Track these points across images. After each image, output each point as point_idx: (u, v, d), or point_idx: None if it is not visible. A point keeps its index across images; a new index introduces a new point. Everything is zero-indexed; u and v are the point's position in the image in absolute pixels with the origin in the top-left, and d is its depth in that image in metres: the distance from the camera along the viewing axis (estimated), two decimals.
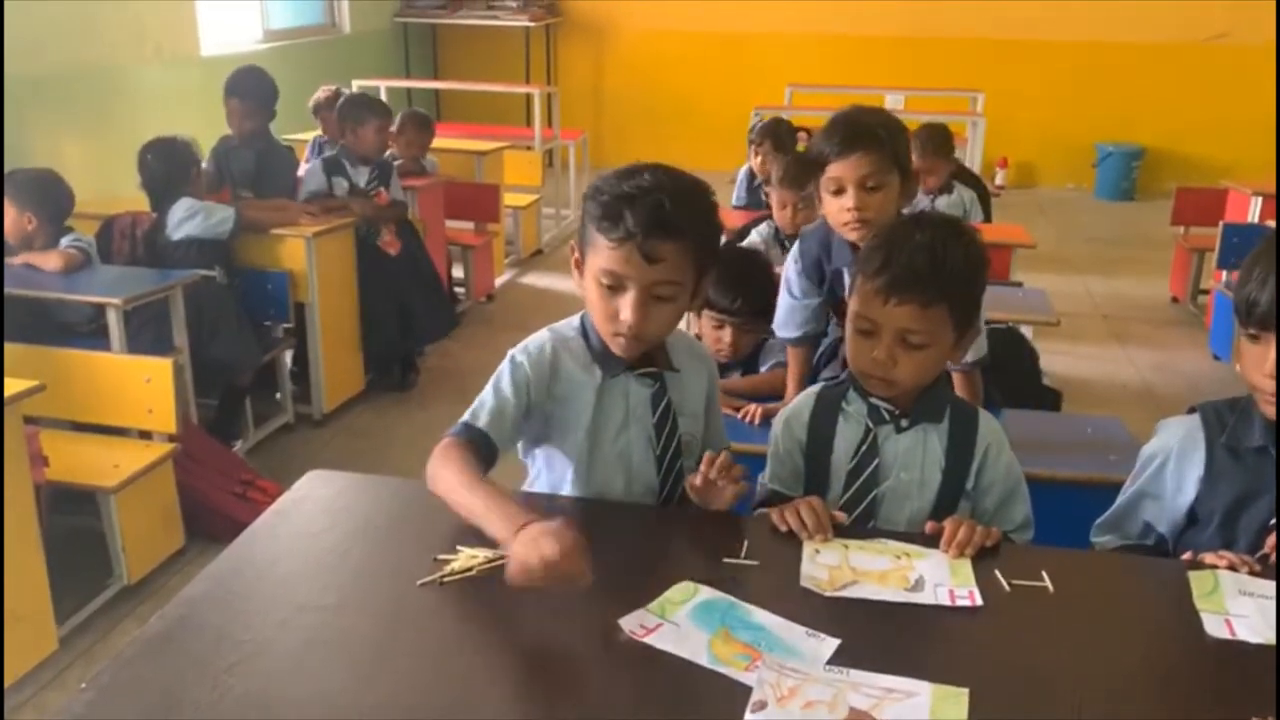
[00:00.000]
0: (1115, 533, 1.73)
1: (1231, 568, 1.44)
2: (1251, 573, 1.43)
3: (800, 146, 4.51)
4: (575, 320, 1.68)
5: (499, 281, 6.19)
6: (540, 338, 1.67)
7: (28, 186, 3.53)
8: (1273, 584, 1.40)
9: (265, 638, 1.28)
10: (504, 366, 1.65)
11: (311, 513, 1.61)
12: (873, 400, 1.67)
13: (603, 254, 1.53)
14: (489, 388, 1.65)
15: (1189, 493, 1.61)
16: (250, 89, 4.38)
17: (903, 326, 1.57)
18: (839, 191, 2.15)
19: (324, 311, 4.12)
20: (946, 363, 1.72)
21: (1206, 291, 5.71)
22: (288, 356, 4.26)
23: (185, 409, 3.36)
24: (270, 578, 1.43)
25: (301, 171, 4.62)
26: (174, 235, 3.73)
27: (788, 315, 2.43)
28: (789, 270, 2.43)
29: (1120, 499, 1.73)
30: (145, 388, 3.01)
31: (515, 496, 1.56)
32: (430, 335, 4.78)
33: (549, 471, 1.72)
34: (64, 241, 3.55)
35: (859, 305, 1.61)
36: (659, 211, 1.49)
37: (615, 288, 1.54)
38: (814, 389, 1.80)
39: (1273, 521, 1.52)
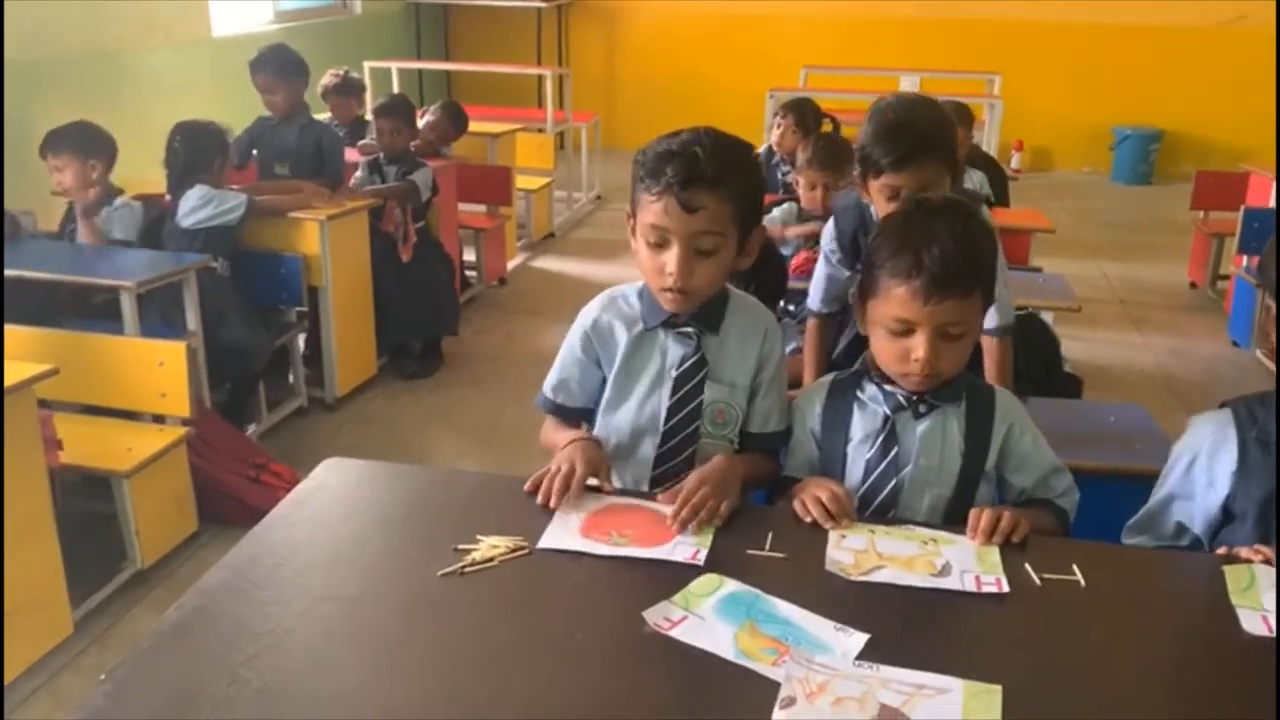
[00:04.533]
0: (1147, 534, 1.70)
1: (1267, 562, 1.41)
2: None
3: (826, 128, 4.46)
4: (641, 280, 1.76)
5: (511, 265, 6.16)
6: (600, 295, 1.79)
7: (80, 137, 3.59)
8: None
9: (284, 629, 1.26)
10: (572, 329, 1.79)
11: (329, 501, 1.59)
12: (888, 387, 1.65)
13: (647, 210, 1.61)
14: (560, 354, 1.80)
15: (1221, 489, 1.59)
16: (274, 60, 4.33)
17: (944, 321, 1.55)
18: (894, 198, 2.14)
19: (337, 295, 4.10)
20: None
21: (1226, 277, 5.66)
22: (301, 340, 4.25)
23: (198, 392, 3.35)
24: (288, 568, 1.41)
25: None
26: (183, 223, 3.71)
27: (818, 286, 2.49)
28: (826, 243, 2.47)
29: (1151, 500, 1.70)
30: (158, 371, 3.00)
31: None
32: (413, 333, 4.72)
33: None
34: (116, 202, 3.62)
35: (894, 309, 1.56)
36: (694, 162, 1.56)
37: (660, 243, 1.61)
38: (826, 379, 1.80)
39: None
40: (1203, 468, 1.61)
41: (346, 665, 1.21)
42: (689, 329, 1.71)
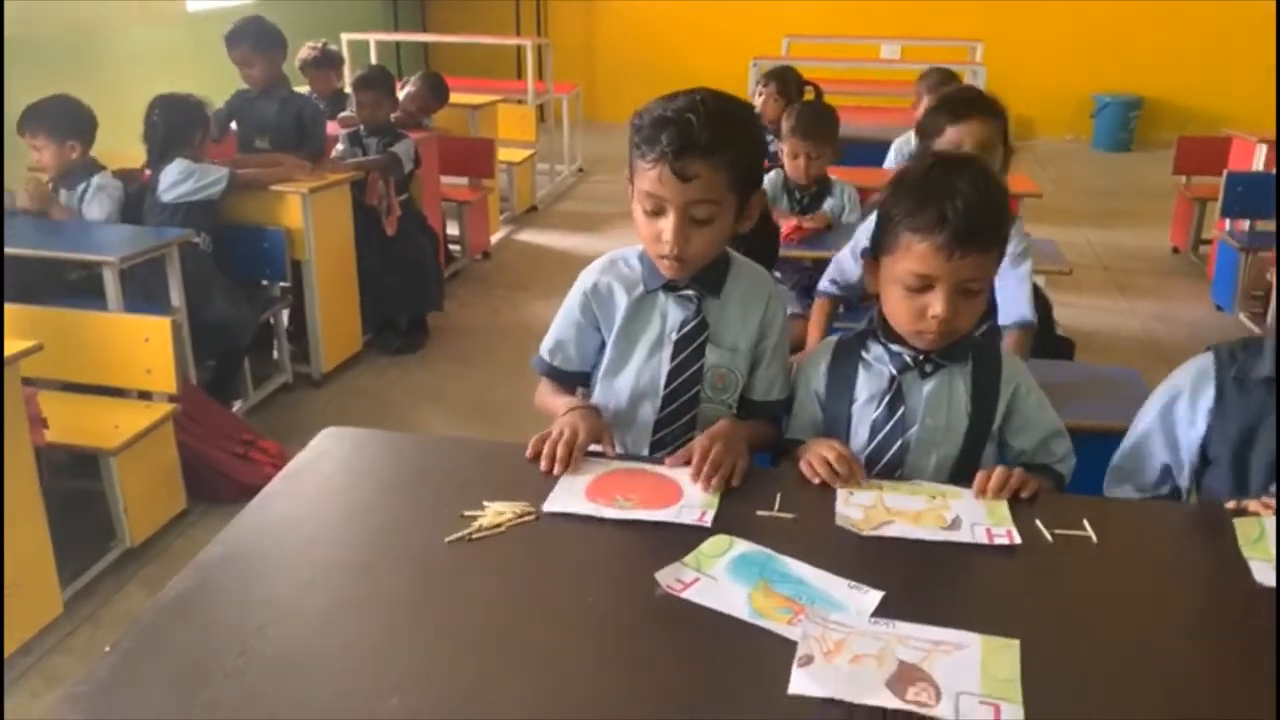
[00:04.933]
0: (1130, 482, 1.71)
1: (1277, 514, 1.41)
2: None
3: (808, 96, 4.44)
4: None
5: (494, 239, 6.11)
6: (601, 258, 1.77)
7: (57, 117, 3.53)
8: None
9: (291, 599, 1.24)
10: (571, 291, 1.77)
11: (329, 471, 1.57)
12: (895, 347, 1.64)
13: (643, 177, 1.57)
14: (558, 316, 1.78)
15: (1201, 426, 1.61)
16: (251, 33, 4.27)
17: (965, 277, 1.52)
18: None
19: (321, 270, 4.05)
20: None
21: (1208, 241, 5.68)
22: (285, 316, 4.20)
23: (184, 369, 3.30)
24: (292, 538, 1.39)
25: None
26: (164, 197, 3.66)
27: (839, 270, 2.55)
28: (865, 234, 2.45)
29: (1128, 441, 1.71)
30: (144, 347, 2.95)
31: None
32: (398, 308, 4.67)
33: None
34: (95, 180, 3.56)
35: (914, 264, 1.53)
36: (689, 130, 1.51)
37: (656, 211, 1.58)
38: (830, 340, 1.78)
39: None
40: (1185, 405, 1.63)
41: (359, 633, 1.19)
42: (690, 292, 1.69)
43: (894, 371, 1.64)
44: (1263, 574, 1.30)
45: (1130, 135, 8.89)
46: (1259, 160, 5.26)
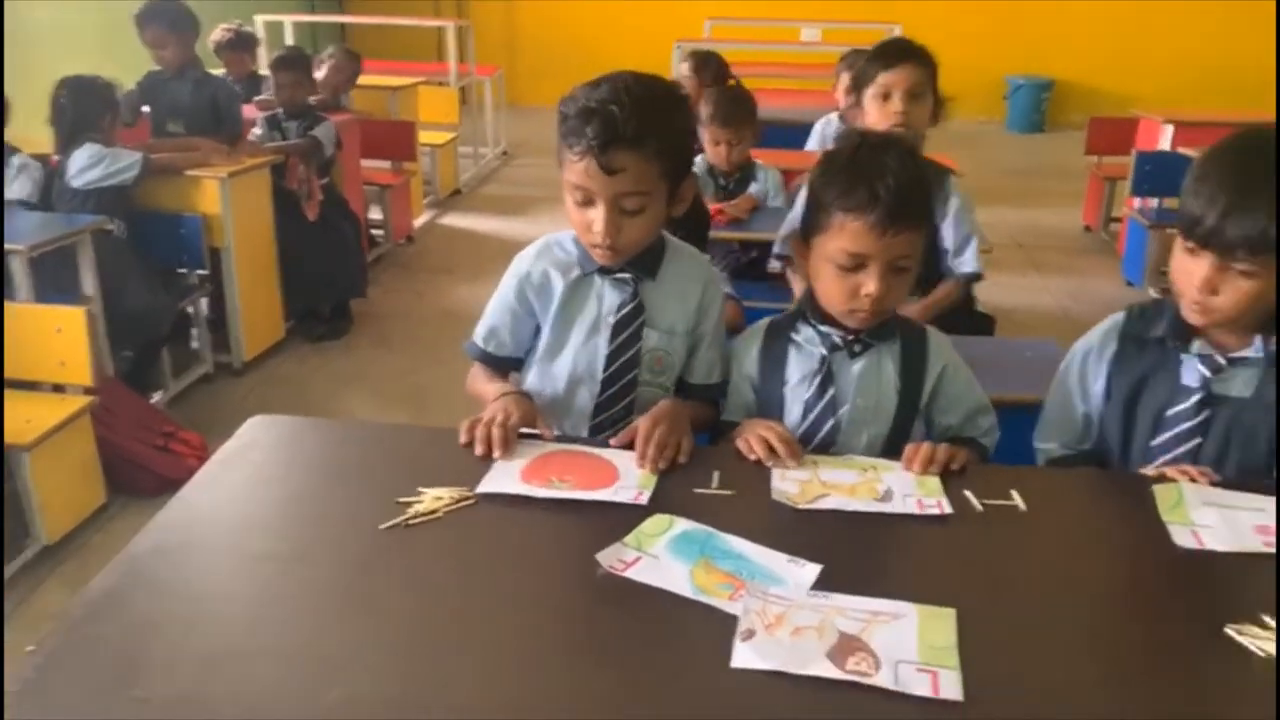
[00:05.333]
0: (1057, 439, 1.75)
1: (1192, 480, 1.46)
2: (1211, 484, 1.46)
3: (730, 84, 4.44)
4: None
5: (418, 223, 6.03)
6: (535, 242, 1.75)
7: None
8: (1234, 494, 1.43)
9: (224, 591, 1.22)
10: (505, 275, 1.75)
11: (258, 460, 1.53)
12: (824, 328, 1.65)
13: (571, 169, 1.55)
14: (492, 301, 1.76)
15: (1103, 379, 1.67)
16: (162, 14, 4.15)
17: (897, 255, 1.54)
18: (887, 98, 2.40)
19: (241, 256, 3.96)
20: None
21: (1119, 219, 5.85)
22: (204, 304, 4.10)
23: (100, 360, 3.20)
24: (221, 529, 1.35)
25: None
26: (74, 183, 3.54)
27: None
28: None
29: (1051, 399, 1.76)
30: (57, 338, 2.86)
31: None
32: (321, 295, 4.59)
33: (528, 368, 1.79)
34: (14, 161, 3.45)
35: (846, 243, 1.54)
36: (613, 123, 1.49)
37: (586, 202, 1.57)
38: (762, 323, 1.79)
39: (1171, 410, 1.58)
40: (1094, 358, 1.69)
41: (293, 623, 1.17)
42: (626, 275, 1.68)
43: (824, 352, 1.66)
44: (1181, 537, 1.34)
45: (1042, 117, 9.11)
46: (1165, 140, 5.42)
